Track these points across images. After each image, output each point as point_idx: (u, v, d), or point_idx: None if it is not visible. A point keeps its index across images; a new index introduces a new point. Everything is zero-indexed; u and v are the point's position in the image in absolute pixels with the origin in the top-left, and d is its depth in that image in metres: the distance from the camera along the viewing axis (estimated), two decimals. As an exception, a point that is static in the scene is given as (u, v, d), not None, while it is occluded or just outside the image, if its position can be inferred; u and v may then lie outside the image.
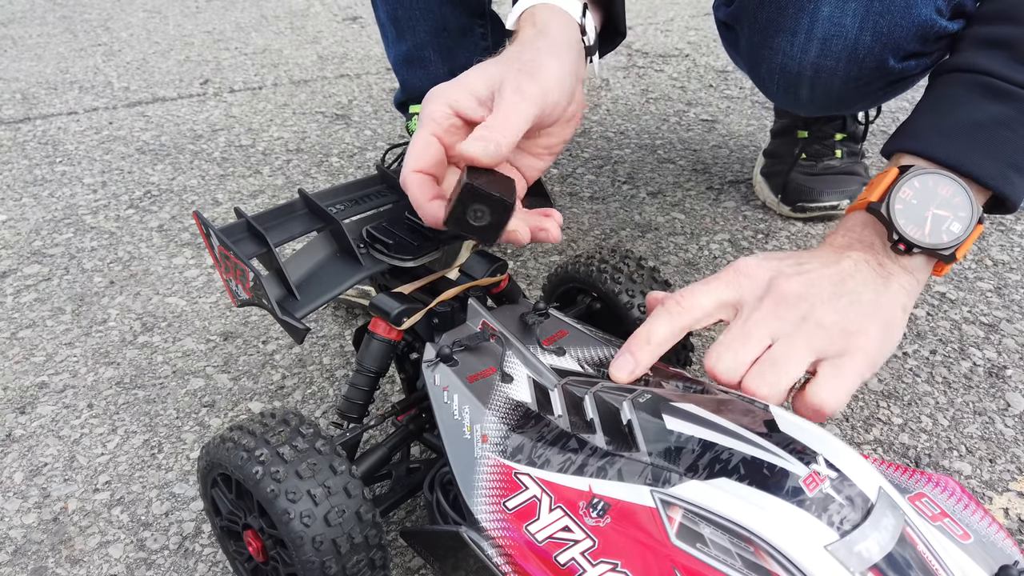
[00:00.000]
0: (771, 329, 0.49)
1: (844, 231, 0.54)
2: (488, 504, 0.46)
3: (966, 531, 0.43)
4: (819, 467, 0.40)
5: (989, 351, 0.82)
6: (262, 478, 0.46)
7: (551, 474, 0.45)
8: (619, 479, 0.43)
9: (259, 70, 1.72)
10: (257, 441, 0.48)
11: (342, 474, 0.47)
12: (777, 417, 0.44)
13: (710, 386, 0.51)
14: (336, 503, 0.46)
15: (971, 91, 0.52)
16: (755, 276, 0.52)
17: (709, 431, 0.44)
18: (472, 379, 0.52)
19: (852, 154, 1.08)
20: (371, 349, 0.57)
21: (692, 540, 0.39)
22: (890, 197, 0.50)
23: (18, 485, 0.68)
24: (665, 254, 1.00)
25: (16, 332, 0.87)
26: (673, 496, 0.41)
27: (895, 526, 0.39)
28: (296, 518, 0.45)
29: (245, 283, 0.53)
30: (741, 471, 0.41)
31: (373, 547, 0.48)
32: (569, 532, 0.43)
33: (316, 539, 0.45)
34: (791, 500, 0.39)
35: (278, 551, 0.49)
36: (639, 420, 0.46)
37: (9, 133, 1.40)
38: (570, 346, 0.55)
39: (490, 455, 0.48)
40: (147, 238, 1.06)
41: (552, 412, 0.49)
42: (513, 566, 0.43)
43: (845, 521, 0.38)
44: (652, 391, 0.48)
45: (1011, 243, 1.01)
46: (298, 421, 0.50)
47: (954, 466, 0.68)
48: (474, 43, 0.97)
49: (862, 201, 0.53)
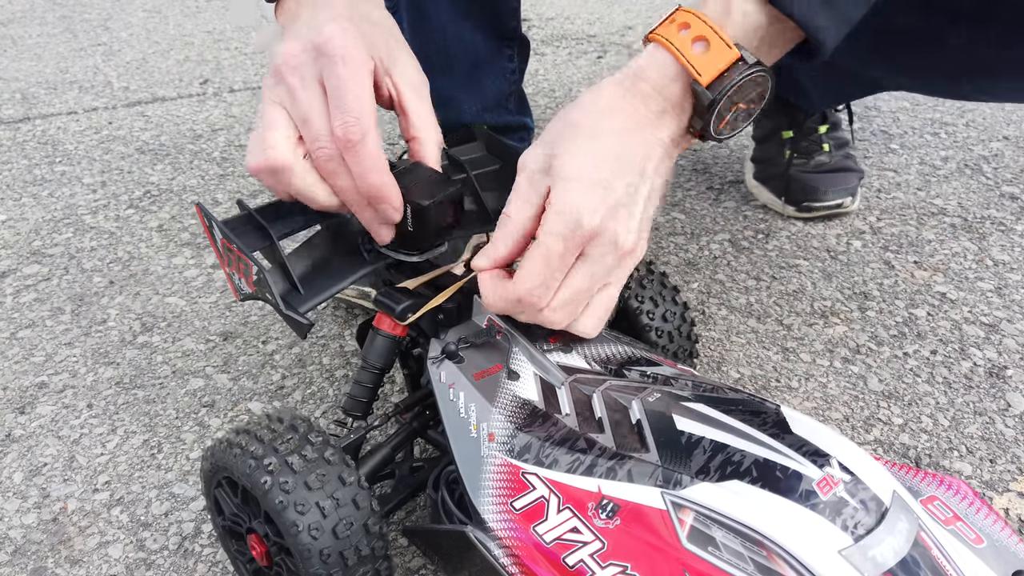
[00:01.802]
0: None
1: (661, 82, 0.48)
2: (495, 504, 0.45)
3: (979, 535, 0.42)
4: (832, 470, 0.40)
5: (989, 351, 0.82)
6: (271, 488, 0.46)
7: (559, 474, 0.45)
8: (629, 480, 0.43)
9: (259, 70, 1.72)
10: (266, 449, 0.47)
11: (351, 485, 0.47)
12: (789, 418, 0.44)
13: (720, 385, 0.50)
14: (344, 515, 0.46)
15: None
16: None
17: (720, 432, 0.43)
18: (478, 376, 0.51)
19: (840, 145, 1.08)
20: (376, 345, 0.56)
21: (703, 543, 0.39)
22: (720, 93, 0.46)
23: (18, 485, 0.68)
24: (665, 254, 1.00)
25: (16, 332, 0.87)
26: (684, 498, 0.41)
27: (909, 530, 0.39)
28: (304, 531, 0.45)
29: (248, 277, 0.53)
30: (753, 473, 0.40)
31: (379, 558, 0.47)
32: (578, 533, 0.42)
33: (324, 552, 0.45)
34: (804, 503, 0.38)
35: (283, 558, 0.49)
36: (649, 420, 0.45)
37: (9, 133, 1.40)
38: (577, 343, 0.54)
39: (497, 454, 0.47)
40: (147, 238, 1.06)
41: (560, 410, 0.49)
42: (520, 567, 0.43)
43: (859, 525, 0.38)
44: (662, 389, 0.48)
45: (1012, 243, 1.01)
46: (307, 428, 0.49)
47: (954, 466, 0.68)
48: (502, 68, 0.96)
49: (681, 56, 0.47)
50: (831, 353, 0.82)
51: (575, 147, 0.47)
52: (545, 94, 1.57)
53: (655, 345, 0.63)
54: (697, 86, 0.47)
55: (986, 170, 1.20)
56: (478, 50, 0.91)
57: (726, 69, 0.46)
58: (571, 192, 0.46)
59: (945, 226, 1.05)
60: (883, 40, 0.78)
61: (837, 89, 0.99)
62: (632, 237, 0.48)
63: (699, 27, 0.46)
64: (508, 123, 1.01)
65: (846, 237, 1.03)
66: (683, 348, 0.65)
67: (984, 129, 1.34)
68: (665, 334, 0.64)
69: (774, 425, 0.43)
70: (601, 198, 0.46)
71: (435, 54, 0.91)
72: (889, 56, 0.83)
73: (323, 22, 0.49)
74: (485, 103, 0.96)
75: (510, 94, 0.98)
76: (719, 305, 0.90)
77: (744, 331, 0.85)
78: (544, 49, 1.84)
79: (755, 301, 0.91)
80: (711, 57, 0.46)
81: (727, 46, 0.46)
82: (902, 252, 0.99)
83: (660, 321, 0.63)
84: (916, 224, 1.06)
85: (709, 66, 0.46)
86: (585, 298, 0.50)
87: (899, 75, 0.89)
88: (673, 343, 0.64)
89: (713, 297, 0.91)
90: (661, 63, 0.48)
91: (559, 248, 0.46)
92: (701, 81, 0.46)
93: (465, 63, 0.91)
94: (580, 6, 2.21)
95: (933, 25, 0.75)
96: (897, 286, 0.93)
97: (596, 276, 0.49)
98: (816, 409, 0.75)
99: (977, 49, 0.74)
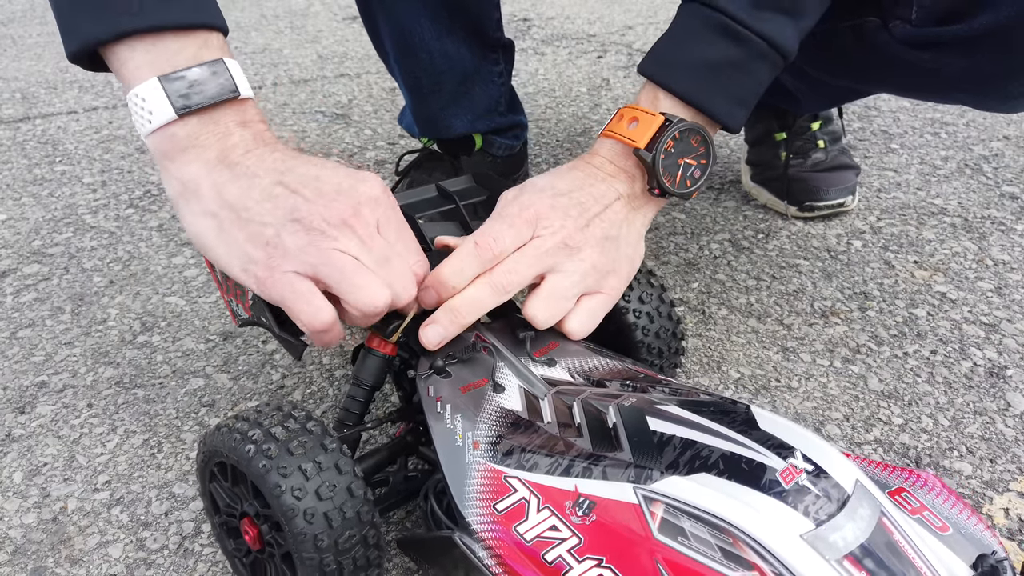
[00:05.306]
0: (547, 265, 0.56)
1: (610, 155, 0.59)
2: (479, 507, 0.47)
3: (945, 523, 0.44)
4: (796, 461, 0.41)
5: (990, 351, 0.82)
6: (254, 455, 0.47)
7: (539, 476, 0.46)
8: (603, 478, 0.45)
9: (259, 69, 1.72)
10: (251, 425, 0.49)
11: (332, 451, 0.48)
12: (758, 416, 0.46)
13: (694, 389, 0.52)
14: (327, 478, 0.47)
15: (711, 29, 0.58)
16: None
17: (690, 430, 0.45)
18: (465, 389, 0.53)
19: (834, 140, 1.08)
20: (367, 364, 0.58)
21: (674, 534, 0.41)
22: (656, 150, 0.56)
23: (17, 485, 0.68)
24: (665, 254, 1.00)
25: (16, 332, 0.87)
26: (655, 492, 0.42)
27: (871, 516, 0.40)
28: (287, 491, 0.46)
29: (245, 302, 0.54)
30: (720, 466, 0.42)
31: (366, 523, 0.48)
32: (556, 531, 0.44)
33: (307, 512, 0.46)
34: (768, 492, 0.40)
35: (273, 535, 0.49)
36: (624, 422, 0.47)
37: (9, 132, 1.40)
38: (561, 357, 0.56)
39: (481, 461, 0.49)
40: (147, 237, 1.06)
41: (542, 419, 0.51)
42: (503, 566, 0.44)
43: (821, 512, 0.39)
44: (637, 396, 0.50)
45: (1012, 243, 1.01)
46: (291, 407, 0.51)
47: (954, 466, 0.68)
48: (489, 75, 0.96)
49: (622, 137, 0.58)
50: (831, 353, 0.82)
51: (543, 177, 0.59)
52: (545, 94, 1.57)
53: (640, 344, 0.63)
54: (637, 151, 0.57)
55: (986, 170, 1.20)
56: (465, 63, 0.92)
57: (656, 131, 0.56)
58: (530, 193, 0.57)
59: (945, 226, 1.05)
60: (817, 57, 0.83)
61: (826, 94, 0.99)
62: (571, 231, 0.55)
63: (631, 113, 0.59)
64: (500, 126, 1.01)
65: (846, 237, 1.03)
66: (670, 347, 0.65)
67: (984, 129, 1.34)
68: (651, 333, 0.64)
69: (743, 423, 0.45)
70: (549, 197, 0.56)
71: (424, 75, 0.92)
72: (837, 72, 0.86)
73: (351, 171, 0.52)
74: (476, 113, 0.97)
75: (500, 98, 0.99)
76: (719, 305, 0.90)
77: (744, 331, 0.85)
78: (544, 49, 1.84)
79: (755, 301, 0.91)
80: (641, 127, 0.57)
81: (652, 115, 0.57)
82: (902, 252, 0.99)
83: (646, 320, 0.63)
84: (916, 224, 1.06)
85: (641, 133, 0.57)
86: (532, 268, 0.55)
87: (864, 85, 0.90)
88: (660, 339, 0.64)
89: (713, 297, 0.91)
90: (609, 146, 0.60)
91: (513, 219, 0.55)
92: (639, 146, 0.57)
93: (454, 79, 0.92)
94: (580, 6, 2.21)
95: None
96: (897, 286, 0.93)
97: (540, 250, 0.55)
98: (816, 409, 0.75)
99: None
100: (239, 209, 0.49)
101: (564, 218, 0.56)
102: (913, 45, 0.70)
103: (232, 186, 0.50)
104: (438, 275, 0.54)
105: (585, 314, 0.57)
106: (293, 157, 0.51)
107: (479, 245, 0.54)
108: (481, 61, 0.94)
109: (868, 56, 0.76)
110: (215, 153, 0.50)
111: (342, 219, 0.49)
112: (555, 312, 0.56)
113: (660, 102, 0.59)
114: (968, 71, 0.69)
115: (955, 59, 0.68)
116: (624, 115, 0.59)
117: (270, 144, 0.52)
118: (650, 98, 0.59)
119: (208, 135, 0.50)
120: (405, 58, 0.91)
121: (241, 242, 0.49)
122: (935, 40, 0.68)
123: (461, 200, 0.66)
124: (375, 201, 0.51)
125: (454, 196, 0.66)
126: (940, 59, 0.69)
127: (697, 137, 0.58)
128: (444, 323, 0.54)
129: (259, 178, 0.50)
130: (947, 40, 0.67)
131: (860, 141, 1.30)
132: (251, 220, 0.49)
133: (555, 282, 0.56)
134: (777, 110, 1.07)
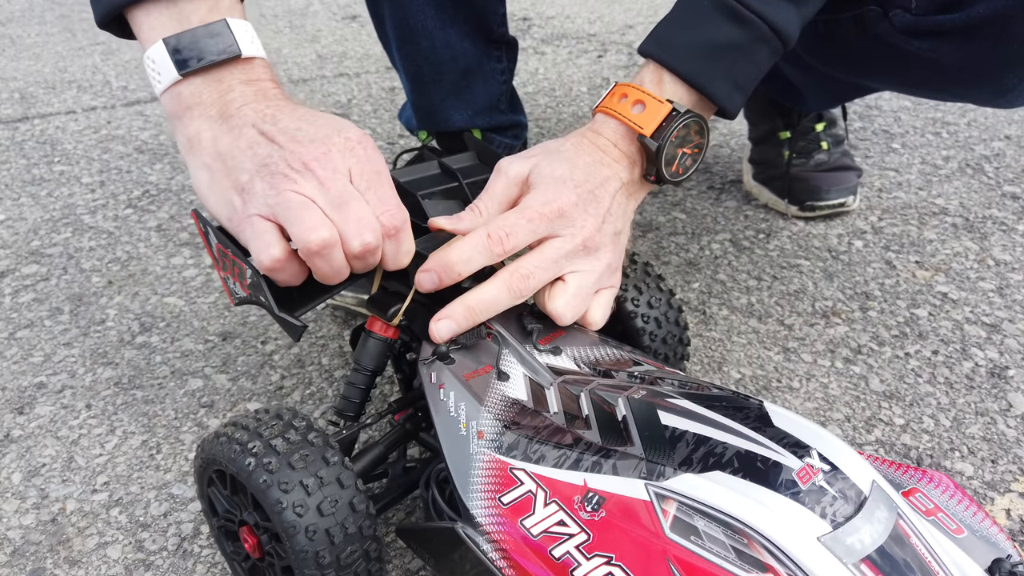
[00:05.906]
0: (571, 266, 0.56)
1: (614, 138, 0.59)
2: (483, 499, 0.46)
3: (960, 525, 0.43)
4: (812, 460, 0.40)
5: (991, 351, 0.81)
6: (255, 469, 0.46)
7: (546, 469, 0.45)
8: (614, 473, 0.44)
9: (258, 69, 1.71)
10: (251, 435, 0.48)
11: (334, 465, 0.47)
12: (771, 413, 0.45)
13: (704, 383, 0.51)
14: (329, 493, 0.46)
15: (717, 10, 0.58)
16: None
17: (703, 426, 0.44)
18: (468, 377, 0.51)
19: (837, 142, 1.08)
20: (368, 347, 0.57)
21: (686, 533, 0.40)
22: (663, 140, 0.56)
23: (16, 486, 0.67)
24: (666, 254, 1.00)
25: (14, 332, 0.87)
26: (667, 489, 0.41)
27: (888, 519, 0.39)
28: (289, 508, 0.45)
29: (243, 281, 0.53)
30: (735, 464, 0.41)
31: (367, 538, 0.47)
32: (564, 526, 0.43)
33: (309, 528, 0.45)
34: (784, 493, 0.39)
35: (273, 546, 0.49)
36: (634, 416, 0.46)
37: (7, 132, 1.39)
38: (566, 346, 0.55)
39: (486, 451, 0.48)
40: (145, 238, 1.05)
41: (548, 409, 0.49)
42: (508, 561, 0.43)
43: (838, 513, 0.39)
44: (647, 388, 0.48)
45: (1013, 243, 1.00)
46: (291, 415, 0.50)
47: (956, 467, 0.68)
48: (491, 71, 0.96)
49: (628, 121, 0.57)
50: (832, 353, 0.82)
51: (554, 161, 0.57)
52: (545, 93, 1.56)
53: (647, 349, 0.63)
54: (643, 138, 0.57)
55: (988, 170, 1.19)
56: (467, 57, 0.92)
57: (663, 120, 0.56)
58: (550, 184, 0.56)
59: (947, 226, 1.05)
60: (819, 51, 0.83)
61: (832, 91, 1.00)
62: (591, 232, 0.56)
63: (636, 95, 0.58)
64: (500, 123, 1.01)
65: (847, 237, 1.03)
66: (675, 352, 0.65)
67: (986, 129, 1.34)
68: (659, 339, 0.64)
69: (756, 419, 0.44)
70: (572, 191, 0.55)
71: (425, 65, 0.92)
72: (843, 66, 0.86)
73: (327, 115, 0.52)
74: (476, 108, 0.96)
75: (501, 95, 0.99)
76: (720, 305, 0.90)
77: (745, 331, 0.85)
78: (544, 48, 1.84)
79: (756, 301, 0.90)
80: (648, 114, 0.57)
81: (659, 102, 0.56)
82: (903, 252, 0.99)
83: (653, 325, 0.63)
84: (917, 224, 1.05)
85: (649, 120, 0.56)
86: (549, 272, 0.55)
87: (867, 81, 0.90)
88: (667, 345, 0.64)
89: (714, 297, 0.91)
90: (613, 127, 0.59)
91: (533, 214, 0.54)
92: (645, 133, 0.56)
93: (455, 71, 0.92)
94: (580, 5, 2.20)
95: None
96: (898, 286, 0.92)
97: (560, 253, 0.55)
98: (817, 409, 0.74)
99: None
100: (226, 158, 0.51)
101: (585, 216, 0.56)
102: (912, 34, 0.70)
103: (225, 138, 0.51)
104: (444, 259, 0.53)
105: (605, 306, 0.59)
106: (282, 109, 0.52)
107: (491, 238, 0.53)
108: (484, 56, 0.94)
109: (869, 47, 0.76)
110: (216, 110, 0.52)
111: (303, 163, 0.49)
112: (580, 309, 0.57)
113: (665, 84, 0.58)
114: (965, 61, 0.69)
115: (953, 48, 0.69)
116: (628, 94, 0.58)
117: (271, 99, 0.53)
118: (655, 80, 0.58)
119: (211, 92, 0.52)
120: (407, 45, 0.91)
121: (226, 189, 0.51)
122: (934, 29, 0.68)
123: (464, 178, 0.64)
124: (348, 150, 0.51)
125: (457, 174, 0.64)
126: (938, 48, 0.70)
127: (697, 127, 0.58)
128: (458, 319, 0.53)
129: (247, 128, 0.51)
130: (946, 28, 0.67)
131: (861, 141, 1.30)
132: (233, 168, 0.50)
133: (579, 281, 0.56)
134: (782, 109, 1.07)
